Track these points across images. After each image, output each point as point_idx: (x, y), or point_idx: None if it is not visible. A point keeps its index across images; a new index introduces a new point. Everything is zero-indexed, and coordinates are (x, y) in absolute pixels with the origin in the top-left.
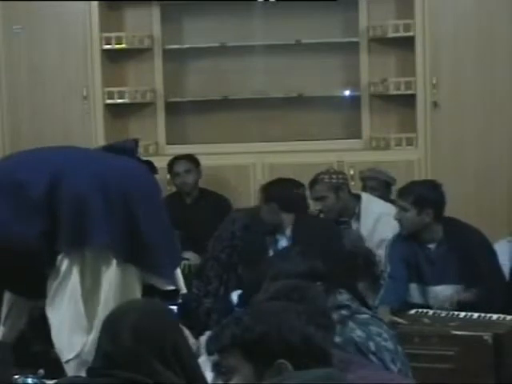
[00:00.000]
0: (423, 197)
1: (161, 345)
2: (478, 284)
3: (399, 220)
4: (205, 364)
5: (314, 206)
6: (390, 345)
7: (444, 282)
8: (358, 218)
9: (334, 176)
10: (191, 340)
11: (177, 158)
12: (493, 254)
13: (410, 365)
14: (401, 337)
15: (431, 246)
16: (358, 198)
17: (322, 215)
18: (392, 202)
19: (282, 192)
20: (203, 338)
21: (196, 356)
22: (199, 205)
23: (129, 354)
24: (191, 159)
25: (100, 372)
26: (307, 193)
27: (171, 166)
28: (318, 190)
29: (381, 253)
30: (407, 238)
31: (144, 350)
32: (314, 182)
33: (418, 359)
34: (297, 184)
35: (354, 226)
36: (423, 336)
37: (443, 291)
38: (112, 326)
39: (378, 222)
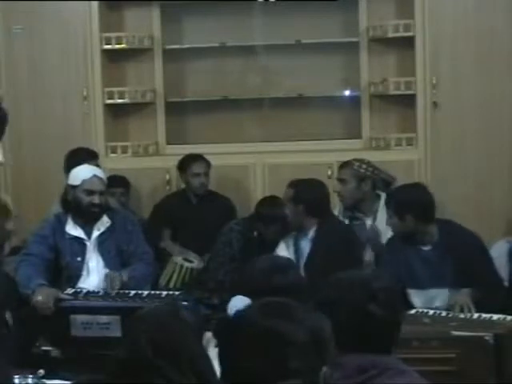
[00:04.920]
0: (400, 204)
1: (176, 357)
2: (474, 286)
3: (390, 226)
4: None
5: (335, 187)
6: None
7: (440, 285)
8: (375, 217)
9: (363, 166)
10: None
11: (194, 159)
12: (488, 257)
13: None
14: (399, 341)
15: (426, 248)
16: (378, 197)
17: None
18: None
19: (310, 195)
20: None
21: (213, 366)
22: (205, 206)
23: (144, 363)
24: (206, 160)
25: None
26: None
27: (188, 164)
28: (343, 172)
29: None
30: (401, 241)
31: (159, 359)
32: (343, 164)
33: (417, 363)
34: (324, 186)
35: (368, 223)
36: (422, 339)
37: (439, 294)
38: (129, 335)
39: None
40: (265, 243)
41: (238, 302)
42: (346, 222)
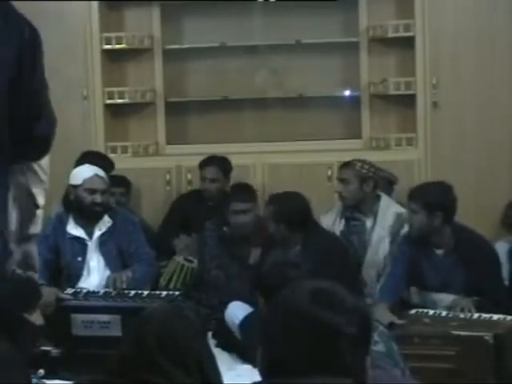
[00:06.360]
0: (433, 199)
1: (182, 356)
2: (481, 298)
3: (409, 222)
4: None
5: (336, 187)
6: (381, 348)
7: (446, 291)
8: (375, 218)
9: (366, 167)
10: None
11: (205, 163)
12: (500, 272)
13: (409, 365)
14: (400, 337)
15: (439, 252)
16: (378, 197)
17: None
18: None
19: (290, 212)
20: None
21: (217, 365)
22: (219, 209)
23: (149, 359)
24: (218, 166)
25: (117, 374)
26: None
27: (201, 167)
28: (345, 172)
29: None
30: (416, 240)
31: (164, 359)
32: (345, 164)
33: (418, 359)
34: (302, 198)
35: (368, 224)
36: (423, 336)
37: (443, 299)
38: (136, 331)
39: (394, 222)
40: (235, 236)
41: (237, 309)
42: (344, 222)
